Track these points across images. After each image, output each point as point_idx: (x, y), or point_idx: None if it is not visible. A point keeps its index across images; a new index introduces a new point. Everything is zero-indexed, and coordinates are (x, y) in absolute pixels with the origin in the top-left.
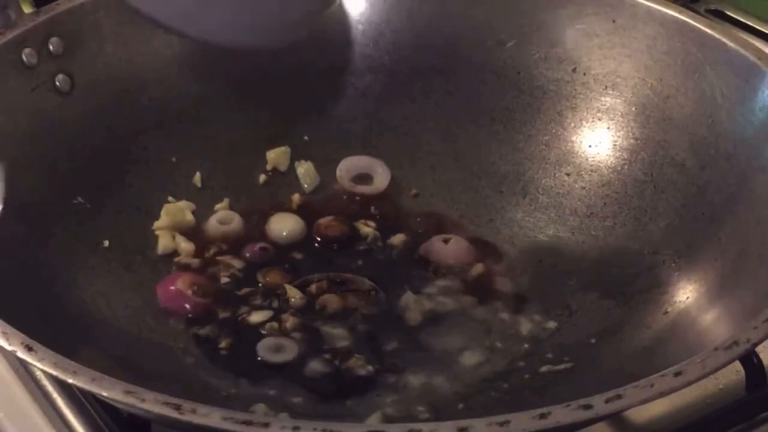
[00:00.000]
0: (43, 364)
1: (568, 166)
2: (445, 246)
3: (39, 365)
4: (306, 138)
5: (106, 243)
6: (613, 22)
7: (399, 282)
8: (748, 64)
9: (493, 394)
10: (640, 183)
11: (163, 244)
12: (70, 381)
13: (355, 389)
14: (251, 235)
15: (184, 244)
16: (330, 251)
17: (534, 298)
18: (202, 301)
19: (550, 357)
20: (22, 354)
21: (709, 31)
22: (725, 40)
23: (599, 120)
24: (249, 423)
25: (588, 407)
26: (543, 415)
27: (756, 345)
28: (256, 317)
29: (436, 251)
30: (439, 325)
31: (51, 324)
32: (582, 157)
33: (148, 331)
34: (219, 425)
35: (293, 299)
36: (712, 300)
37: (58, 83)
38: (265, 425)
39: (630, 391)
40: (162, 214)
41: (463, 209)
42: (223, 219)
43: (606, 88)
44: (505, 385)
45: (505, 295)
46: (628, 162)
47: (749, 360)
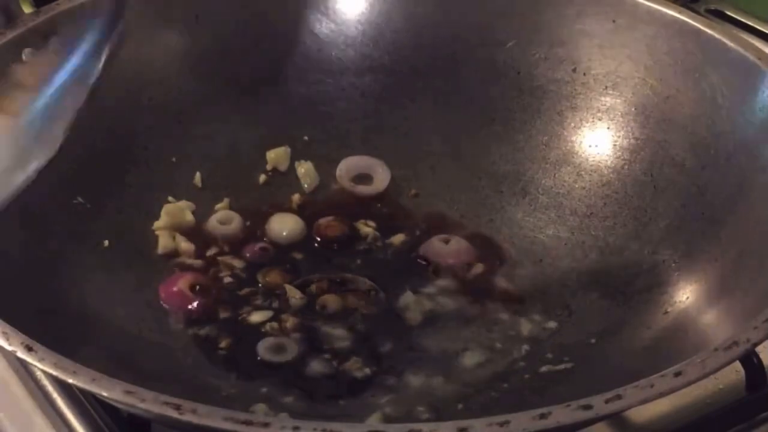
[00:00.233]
0: (43, 364)
1: (568, 166)
2: (445, 246)
3: (39, 365)
4: (306, 138)
5: (106, 243)
6: (613, 22)
7: (399, 282)
8: (748, 64)
9: (493, 394)
10: (640, 183)
11: (163, 244)
12: (70, 381)
13: (355, 389)
14: (251, 235)
15: (184, 244)
16: (330, 251)
17: (534, 298)
18: (202, 301)
19: (550, 357)
20: (22, 354)
21: (709, 31)
22: (725, 40)
23: (599, 120)
24: (249, 423)
25: (588, 407)
26: (543, 415)
27: (756, 345)
28: (256, 317)
29: (436, 251)
30: (439, 325)
31: (51, 324)
32: (582, 157)
33: (148, 331)
34: (219, 425)
35: (293, 299)
36: (712, 300)
37: None
38: (265, 425)
39: (630, 391)
40: (162, 214)
41: (463, 209)
42: (223, 219)
43: (606, 88)
44: (505, 385)
45: (505, 295)
46: (628, 162)
47: (749, 360)
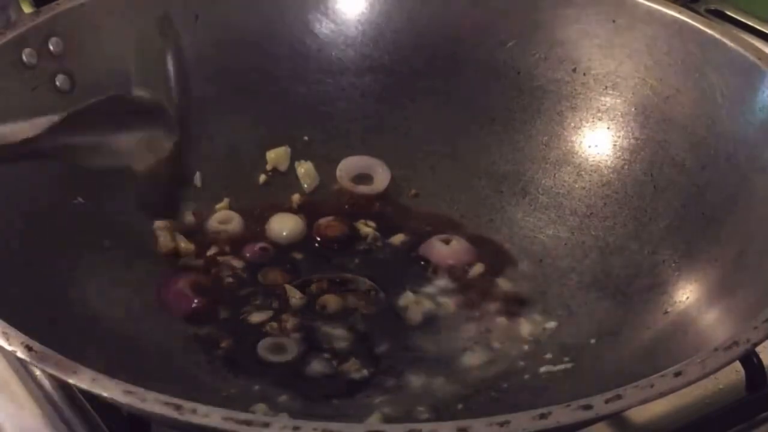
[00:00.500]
0: (43, 364)
1: (568, 166)
2: (445, 246)
3: (39, 365)
4: (306, 138)
5: (106, 243)
6: (613, 22)
7: (399, 282)
8: (748, 64)
9: (493, 394)
10: (640, 183)
11: (163, 244)
12: (70, 381)
13: (355, 389)
14: (251, 235)
15: (184, 244)
16: (330, 251)
17: (534, 298)
18: (202, 301)
19: (550, 357)
20: (22, 354)
21: (709, 31)
22: (725, 40)
23: (599, 120)
24: (249, 423)
25: (588, 407)
26: (543, 415)
27: (756, 345)
28: (256, 317)
29: (436, 251)
30: (439, 326)
31: (51, 324)
32: (582, 157)
33: (148, 331)
34: (219, 425)
35: (293, 299)
36: (712, 300)
37: (58, 83)
38: (265, 425)
39: (630, 391)
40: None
41: (463, 209)
42: (223, 219)
43: (606, 88)
44: (505, 386)
45: (505, 295)
46: (628, 162)
47: (749, 360)
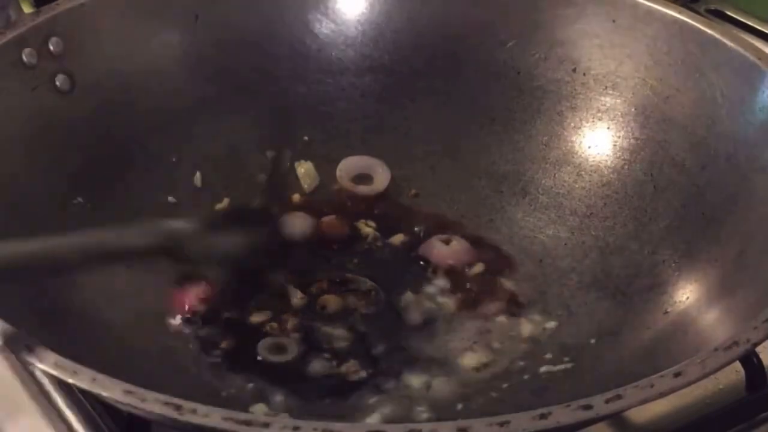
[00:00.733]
0: (43, 364)
1: (568, 166)
2: (445, 246)
3: (39, 365)
4: (306, 138)
5: None
6: (613, 22)
7: (399, 282)
8: (748, 64)
9: (493, 394)
10: (640, 183)
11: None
12: (70, 381)
13: (355, 389)
14: None
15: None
16: (330, 251)
17: (534, 298)
18: (203, 301)
19: (549, 357)
20: (22, 354)
21: (709, 31)
22: (725, 40)
23: (599, 120)
24: (249, 423)
25: (588, 407)
26: (543, 415)
27: (756, 345)
28: (256, 317)
29: (436, 251)
30: (439, 326)
31: (51, 324)
32: (582, 157)
33: (148, 331)
34: (219, 425)
35: (293, 299)
36: (712, 300)
37: (58, 83)
38: (265, 425)
39: (630, 391)
40: None
41: (463, 209)
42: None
43: (606, 88)
44: (505, 386)
45: (505, 296)
46: (628, 162)
47: (749, 360)
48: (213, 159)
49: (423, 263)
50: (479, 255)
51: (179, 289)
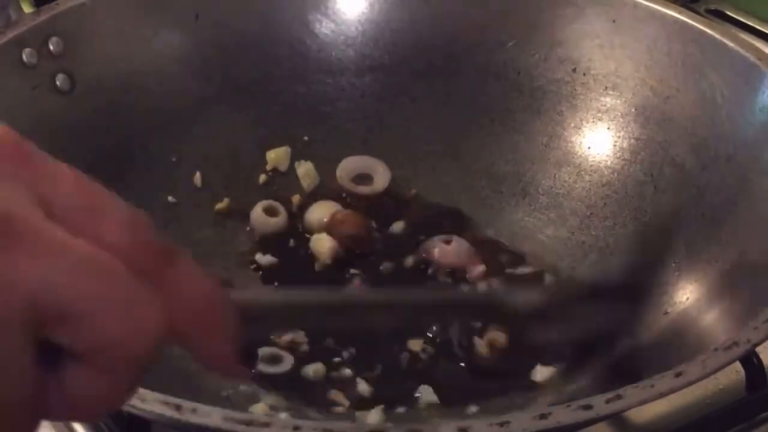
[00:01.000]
0: None
1: (568, 166)
2: (446, 246)
3: None
4: (306, 138)
5: None
6: (613, 22)
7: (399, 283)
8: (748, 64)
9: (493, 395)
10: (640, 183)
11: None
12: None
13: (355, 391)
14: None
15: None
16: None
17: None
18: None
19: (549, 357)
20: None
21: (709, 32)
22: (725, 40)
23: (599, 120)
24: (249, 423)
25: (588, 407)
26: (543, 416)
27: (756, 345)
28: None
29: (436, 251)
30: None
31: None
32: (582, 157)
33: None
34: (219, 425)
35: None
36: (712, 300)
37: (58, 83)
38: (265, 425)
39: (630, 391)
40: None
41: (464, 209)
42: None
43: (606, 88)
44: (506, 386)
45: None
46: (628, 162)
47: (749, 360)
48: (213, 159)
49: (423, 263)
50: (479, 255)
51: None
